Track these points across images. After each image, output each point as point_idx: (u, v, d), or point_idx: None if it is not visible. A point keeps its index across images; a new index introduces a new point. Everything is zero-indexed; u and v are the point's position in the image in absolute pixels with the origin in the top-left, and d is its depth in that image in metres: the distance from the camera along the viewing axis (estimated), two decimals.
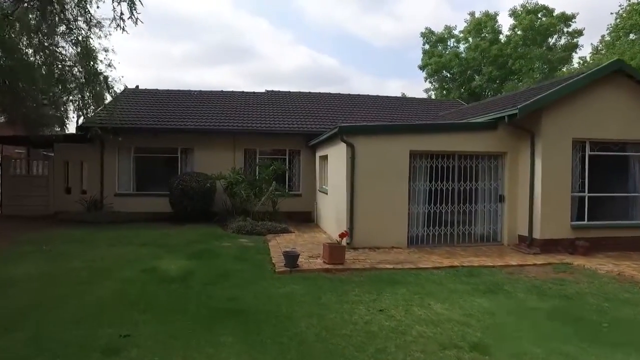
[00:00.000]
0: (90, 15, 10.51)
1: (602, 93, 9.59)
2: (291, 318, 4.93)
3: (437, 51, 33.18)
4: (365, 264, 7.95)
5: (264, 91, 19.01)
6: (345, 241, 9.11)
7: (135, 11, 10.16)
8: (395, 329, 4.71)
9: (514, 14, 29.34)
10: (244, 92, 18.58)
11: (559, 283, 6.85)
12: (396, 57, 60.29)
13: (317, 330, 4.58)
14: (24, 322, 4.68)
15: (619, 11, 23.71)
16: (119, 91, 14.52)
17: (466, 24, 32.67)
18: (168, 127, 13.82)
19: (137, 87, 17.90)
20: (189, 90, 17.96)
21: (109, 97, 12.52)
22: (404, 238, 9.65)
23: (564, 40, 28.80)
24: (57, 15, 9.68)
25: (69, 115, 11.97)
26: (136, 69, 60.61)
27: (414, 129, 9.87)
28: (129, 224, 12.55)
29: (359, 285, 6.50)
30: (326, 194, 11.94)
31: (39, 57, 9.98)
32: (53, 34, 9.64)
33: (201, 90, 18.12)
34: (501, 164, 10.32)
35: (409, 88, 64.56)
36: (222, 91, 18.36)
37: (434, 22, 52.60)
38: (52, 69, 10.16)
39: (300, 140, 15.05)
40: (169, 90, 17.74)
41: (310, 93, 19.24)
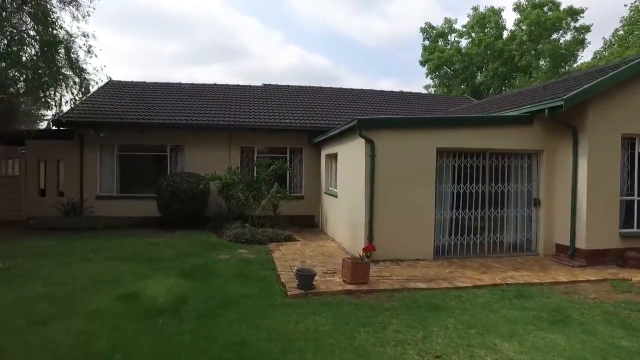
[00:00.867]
0: None
1: None
2: None
3: (438, 46, 32.06)
4: (393, 282, 6.66)
5: (260, 85, 17.63)
6: (366, 254, 7.86)
7: None
8: None
9: (518, 7, 28.30)
10: (239, 85, 17.19)
11: (636, 308, 5.62)
12: (388, 58, 59.45)
13: None
14: None
15: (634, 2, 22.63)
16: (100, 82, 13.07)
17: (469, 19, 31.58)
18: (156, 122, 12.37)
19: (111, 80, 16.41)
20: (179, 83, 16.51)
21: (81, 85, 10.93)
22: (429, 248, 8.38)
23: (569, 35, 27.85)
24: None
25: (40, 106, 10.39)
26: (124, 67, 58.74)
27: (442, 122, 8.59)
28: (112, 230, 11.10)
29: (394, 315, 5.20)
30: (335, 196, 10.62)
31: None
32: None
33: (193, 83, 16.69)
34: (536, 163, 9.11)
35: (403, 88, 63.58)
36: (216, 84, 16.93)
37: (425, 23, 52.21)
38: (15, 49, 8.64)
39: (302, 137, 13.72)
40: (157, 83, 16.27)
41: (311, 87, 17.91)
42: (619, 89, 8.17)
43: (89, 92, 12.79)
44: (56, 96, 10.02)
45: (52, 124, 11.84)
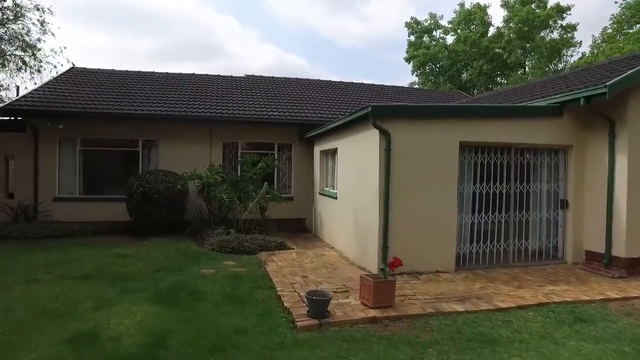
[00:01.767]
0: None
1: None
2: None
3: (424, 43, 31.31)
4: (421, 303, 5.43)
5: (243, 76, 16.17)
6: (379, 267, 6.62)
7: None
8: None
9: (505, 4, 27.78)
10: (220, 75, 15.66)
11: None
12: (364, 58, 58.83)
13: None
14: None
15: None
16: (60, 66, 11.35)
17: (455, 15, 30.95)
18: (126, 112, 10.75)
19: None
20: (153, 73, 14.84)
21: (34, 68, 9.25)
22: (451, 258, 7.21)
23: (556, 34, 27.52)
24: None
25: None
26: (95, 64, 55.54)
27: (467, 112, 7.41)
28: (72, 238, 9.46)
29: (442, 353, 3.97)
30: (334, 198, 9.34)
31: None
32: None
33: (168, 73, 15.05)
34: (563, 160, 8.09)
35: None
36: (194, 74, 15.36)
37: (401, 24, 52.08)
38: None
39: (292, 131, 12.38)
40: (127, 71, 14.56)
41: (298, 79, 16.56)
42: None
43: (46, 78, 11.10)
44: None
45: (0, 113, 10.06)
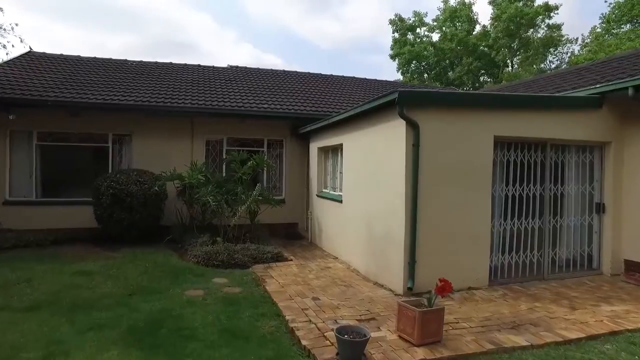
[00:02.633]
0: None
1: None
2: None
3: (408, 40, 30.59)
4: (470, 334, 4.33)
5: (226, 66, 14.77)
6: (407, 285, 5.51)
7: None
8: None
9: (493, 2, 27.31)
10: (200, 65, 14.21)
11: None
12: (342, 59, 58.13)
13: None
14: None
15: None
16: (10, 47, 9.69)
17: (439, 13, 30.36)
18: (93, 102, 9.23)
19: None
20: (125, 60, 13.27)
21: None
22: (484, 272, 6.15)
23: (542, 33, 27.27)
24: None
25: None
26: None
27: (503, 102, 6.30)
28: (26, 250, 7.91)
29: None
30: (338, 201, 8.15)
31: None
32: None
33: (142, 61, 13.51)
34: (599, 158, 7.19)
35: None
36: (172, 63, 13.86)
37: (377, 26, 51.74)
38: None
39: (284, 126, 11.15)
40: (96, 58, 12.93)
41: (285, 71, 15.28)
42: None
43: None
44: None
45: None
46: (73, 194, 9.53)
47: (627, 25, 21.14)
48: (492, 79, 26.61)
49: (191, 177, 8.67)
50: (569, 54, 25.86)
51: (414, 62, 30.42)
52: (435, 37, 30.30)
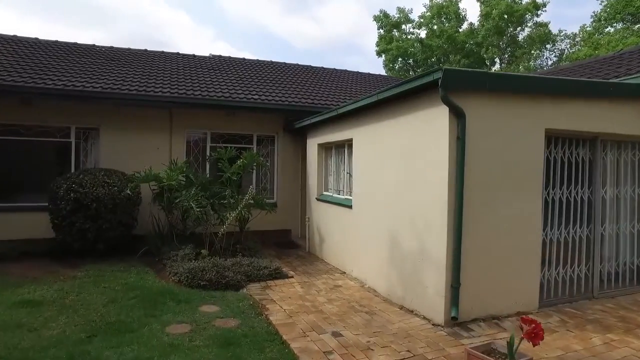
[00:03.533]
0: None
1: None
2: None
3: (395, 36, 29.76)
4: None
5: (208, 55, 13.36)
6: (451, 314, 4.37)
7: None
8: None
9: None
10: (179, 53, 12.76)
11: None
12: (319, 59, 57.10)
13: None
14: None
15: None
16: None
17: (425, 9, 29.63)
18: (51, 87, 7.72)
19: None
20: (93, 45, 11.70)
21: None
22: (534, 292, 5.08)
23: (527, 31, 26.88)
24: None
25: None
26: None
27: (558, 88, 5.21)
28: None
29: None
30: (347, 207, 6.96)
31: None
32: None
33: (113, 47, 11.96)
34: None
35: None
36: (147, 50, 12.37)
37: (355, 27, 51.03)
38: None
39: (275, 120, 9.91)
40: (57, 41, 11.31)
41: (273, 62, 13.96)
42: None
43: None
44: None
45: None
46: (24, 198, 8.01)
47: (620, 23, 20.79)
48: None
49: (170, 178, 7.30)
50: (565, 51, 25.53)
51: (400, 59, 29.60)
52: (422, 34, 29.59)
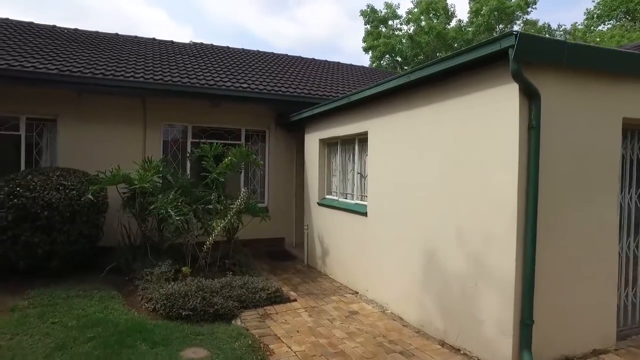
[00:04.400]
0: None
1: None
2: None
3: (383, 32, 28.88)
4: None
5: (188, 42, 11.98)
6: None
7: None
8: None
9: None
10: (155, 39, 11.33)
11: None
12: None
13: None
14: None
15: None
16: None
17: (412, 5, 28.85)
18: None
19: None
20: (53, 26, 10.16)
21: None
22: (611, 323, 4.02)
23: (517, 28, 26.38)
24: None
25: None
26: None
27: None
28: None
29: None
30: (360, 214, 5.79)
31: None
32: None
33: (78, 29, 10.44)
34: None
35: None
36: (118, 34, 10.89)
37: (333, 28, 50.29)
38: None
39: (267, 112, 8.71)
40: (8, 19, 9.73)
41: (260, 52, 12.66)
42: None
43: None
44: None
45: None
46: None
47: (613, 21, 20.44)
48: None
49: (143, 180, 5.97)
50: None
51: (387, 55, 28.72)
52: (410, 30, 28.76)
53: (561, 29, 25.62)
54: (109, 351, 3.64)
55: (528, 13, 25.55)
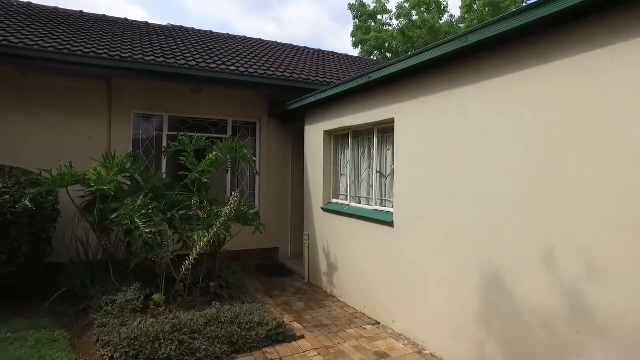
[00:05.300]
0: None
1: None
2: None
3: (373, 27, 27.83)
4: None
5: (166, 24, 10.55)
6: None
7: None
8: None
9: None
10: (127, 19, 9.86)
11: None
12: None
13: None
14: None
15: None
16: None
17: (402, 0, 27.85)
18: None
19: None
20: None
21: None
22: None
23: None
24: None
25: None
26: None
27: None
28: None
29: None
30: (383, 224, 4.56)
31: None
32: None
33: (31, 3, 8.89)
34: None
35: None
36: (83, 12, 9.39)
37: (315, 28, 49.45)
38: None
39: (258, 101, 7.46)
40: None
41: (246, 37, 11.31)
42: None
43: None
44: None
45: None
46: None
47: None
48: None
49: (102, 181, 4.60)
50: None
51: (376, 51, 27.67)
52: (400, 24, 27.78)
53: None
54: None
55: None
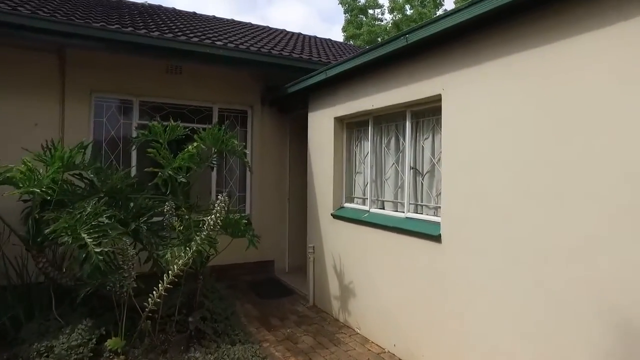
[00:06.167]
0: None
1: None
2: None
3: (365, 21, 26.88)
4: None
5: (142, 2, 9.18)
6: None
7: None
8: None
9: None
10: None
11: None
12: None
13: None
14: None
15: None
16: None
17: None
18: None
19: None
20: None
21: None
22: None
23: None
24: None
25: None
26: None
27: None
28: None
29: None
30: (424, 238, 3.37)
31: None
32: None
33: None
34: None
35: None
36: None
37: (304, 28, 48.46)
38: None
39: (250, 84, 6.22)
40: None
41: (234, 20, 10.01)
42: None
43: None
44: None
45: None
46: None
47: None
48: None
49: (35, 181, 3.30)
50: None
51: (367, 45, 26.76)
52: (395, 18, 26.87)
53: None
54: None
55: None
